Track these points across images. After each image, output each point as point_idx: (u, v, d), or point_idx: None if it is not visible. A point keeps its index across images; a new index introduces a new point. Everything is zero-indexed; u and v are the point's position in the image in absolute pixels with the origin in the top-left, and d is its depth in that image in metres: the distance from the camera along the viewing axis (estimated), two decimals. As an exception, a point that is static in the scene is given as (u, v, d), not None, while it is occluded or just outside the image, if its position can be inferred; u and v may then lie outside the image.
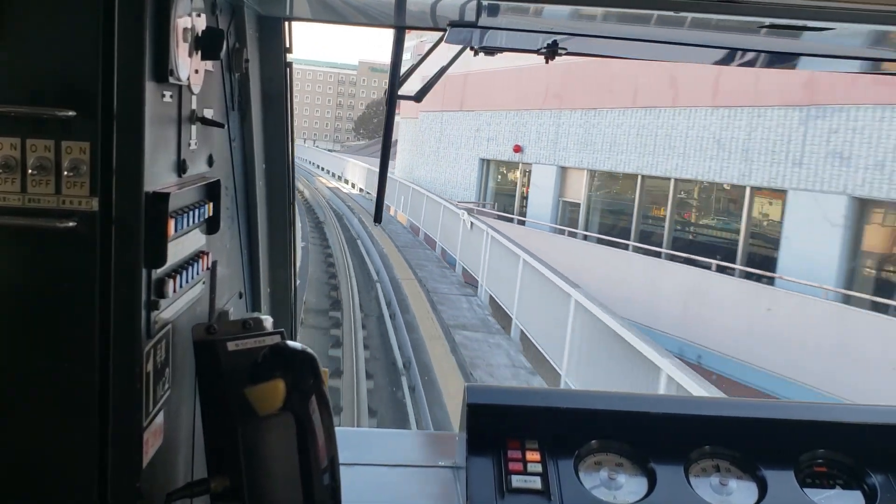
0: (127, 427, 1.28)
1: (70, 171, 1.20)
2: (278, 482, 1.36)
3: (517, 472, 1.75)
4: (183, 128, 1.46)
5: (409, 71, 2.07)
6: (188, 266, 1.45)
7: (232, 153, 1.93)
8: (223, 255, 1.80)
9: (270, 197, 2.24)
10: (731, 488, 1.78)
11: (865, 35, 1.53)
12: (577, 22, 1.69)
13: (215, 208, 1.59)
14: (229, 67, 1.85)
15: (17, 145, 1.19)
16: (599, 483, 1.77)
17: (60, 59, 1.20)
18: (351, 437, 2.22)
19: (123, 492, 1.29)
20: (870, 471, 1.82)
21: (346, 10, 2.06)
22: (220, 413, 1.39)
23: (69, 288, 1.24)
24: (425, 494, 1.91)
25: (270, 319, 1.50)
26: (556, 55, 1.92)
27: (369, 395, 12.55)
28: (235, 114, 1.95)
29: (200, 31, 1.48)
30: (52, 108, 1.18)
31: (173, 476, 1.50)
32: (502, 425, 1.83)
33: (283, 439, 1.35)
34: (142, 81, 1.23)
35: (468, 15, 1.70)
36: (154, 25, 1.25)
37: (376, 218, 2.50)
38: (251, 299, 2.16)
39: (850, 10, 1.26)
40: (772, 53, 1.88)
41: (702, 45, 1.86)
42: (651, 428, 1.85)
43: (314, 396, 1.35)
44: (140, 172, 1.24)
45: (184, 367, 1.51)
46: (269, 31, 2.12)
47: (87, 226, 1.22)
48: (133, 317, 1.26)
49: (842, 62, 1.94)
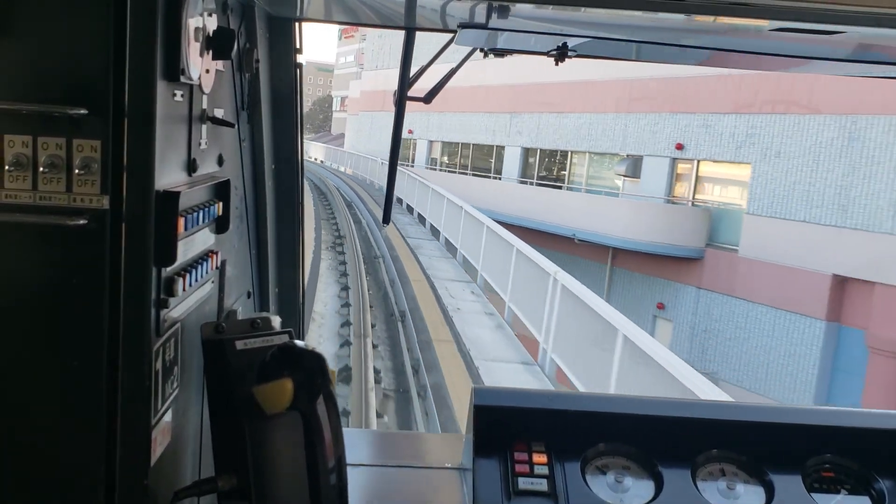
0: (135, 425, 1.28)
1: (81, 169, 1.21)
2: (285, 481, 1.37)
3: (524, 474, 1.74)
4: (193, 127, 1.46)
5: (418, 72, 2.07)
6: (197, 265, 1.46)
7: (242, 153, 1.94)
8: (232, 254, 1.80)
9: (279, 197, 2.25)
10: (738, 492, 1.77)
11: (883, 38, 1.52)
12: (588, 24, 1.70)
13: (225, 208, 1.60)
14: (240, 67, 1.85)
15: (29, 143, 1.20)
16: (606, 486, 1.76)
17: (72, 57, 1.20)
18: (358, 438, 2.23)
19: (131, 489, 1.29)
20: (877, 476, 1.80)
21: (357, 11, 2.07)
22: (228, 412, 1.39)
23: (79, 285, 1.24)
24: (432, 495, 1.91)
25: (278, 319, 1.51)
26: (566, 57, 1.92)
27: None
28: (245, 114, 1.96)
29: (211, 31, 1.48)
30: (64, 106, 1.19)
31: (181, 474, 1.50)
32: (509, 427, 1.83)
33: (290, 439, 1.35)
34: (153, 80, 1.23)
35: (479, 16, 1.70)
36: (165, 25, 1.26)
37: (385, 219, 2.47)
38: (259, 299, 2.16)
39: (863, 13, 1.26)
40: (783, 56, 1.87)
41: (711, 48, 1.86)
42: (658, 431, 1.84)
43: (322, 396, 1.35)
44: (151, 171, 1.24)
45: (192, 365, 1.52)
46: (280, 31, 2.13)
47: (98, 224, 1.22)
48: (142, 315, 1.27)
49: (856, 66, 1.92)
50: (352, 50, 78.81)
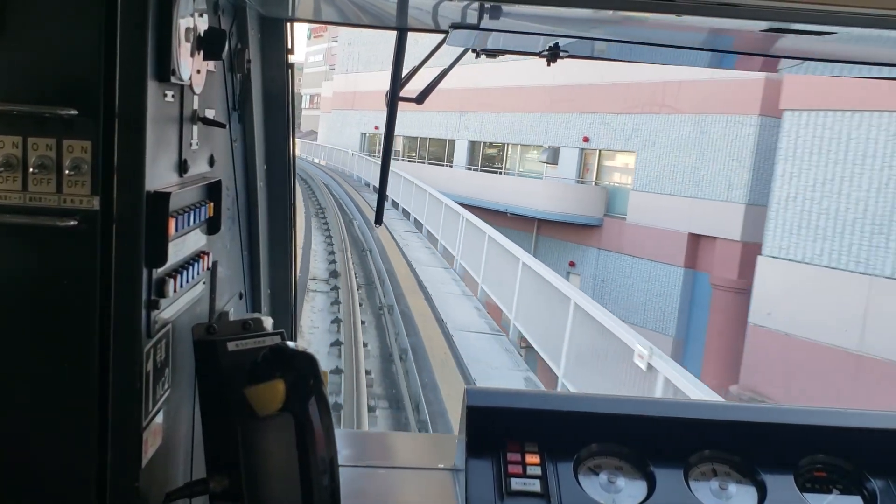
0: (126, 426, 1.02)
1: (71, 170, 0.98)
2: (277, 483, 1.10)
3: (516, 474, 1.43)
4: (184, 128, 1.18)
5: (410, 73, 1.69)
6: (189, 266, 1.17)
7: (233, 153, 1.61)
8: (223, 255, 1.49)
9: (271, 198, 1.89)
10: (730, 492, 1.47)
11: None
12: (580, 25, 1.38)
13: (216, 208, 1.30)
14: (231, 68, 1.53)
15: (19, 144, 0.97)
16: (599, 486, 1.46)
17: (63, 58, 0.97)
18: (350, 439, 1.91)
19: (122, 491, 1.03)
20: (869, 476, 1.51)
21: (348, 11, 1.70)
22: (220, 413, 1.11)
23: (69, 287, 0.99)
24: (424, 496, 1.59)
25: (270, 320, 1.21)
26: (558, 58, 1.57)
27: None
28: (237, 114, 1.62)
29: (202, 32, 1.19)
30: (54, 106, 0.96)
31: (172, 476, 1.21)
32: (502, 428, 1.51)
33: (282, 440, 1.08)
34: (144, 81, 0.99)
35: (470, 17, 1.38)
36: (156, 25, 1.01)
37: (377, 220, 2.06)
38: (251, 300, 1.83)
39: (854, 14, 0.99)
40: (776, 58, 1.56)
41: (704, 48, 1.52)
42: (651, 431, 1.53)
43: (314, 397, 1.08)
44: (141, 172, 1.00)
45: (183, 366, 1.22)
46: (271, 31, 1.77)
47: (88, 225, 0.98)
48: (133, 316, 1.01)
49: (848, 66, 1.58)
50: (321, 49, 71.84)
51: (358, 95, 40.03)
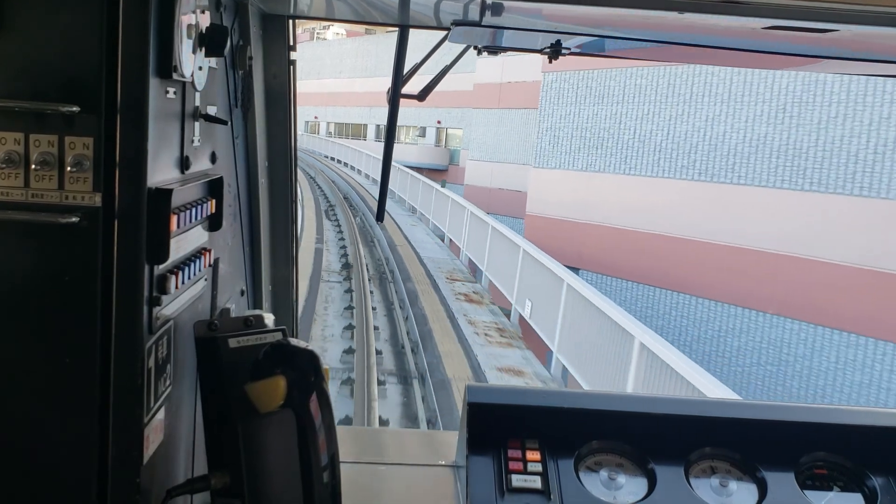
0: (127, 423, 1.02)
1: (73, 167, 0.98)
2: (278, 479, 1.10)
3: (517, 471, 1.43)
4: (186, 124, 1.17)
5: (412, 70, 1.69)
6: (190, 263, 1.17)
7: (235, 150, 1.60)
8: (225, 252, 1.49)
9: (272, 194, 1.89)
10: (731, 489, 1.47)
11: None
12: (583, 21, 1.37)
13: (218, 205, 1.30)
14: (233, 65, 1.52)
15: (21, 140, 0.97)
16: (599, 483, 1.46)
17: (64, 54, 0.97)
18: (351, 435, 1.90)
19: (123, 487, 1.02)
20: (870, 473, 1.51)
21: (350, 8, 1.69)
22: (221, 410, 1.11)
23: (71, 283, 0.99)
24: (425, 493, 1.59)
25: (272, 317, 1.23)
26: (560, 55, 1.56)
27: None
28: (239, 111, 1.62)
29: (204, 28, 1.19)
30: (56, 103, 0.96)
31: (173, 472, 1.21)
32: (503, 425, 1.51)
33: (283, 436, 1.08)
34: (146, 77, 0.98)
35: (472, 14, 1.38)
36: (158, 21, 1.01)
37: (378, 216, 2.04)
38: (253, 297, 1.82)
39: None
40: (778, 55, 1.54)
41: (706, 45, 1.51)
42: (652, 428, 1.53)
43: (315, 394, 1.08)
44: (143, 168, 0.99)
45: (185, 363, 1.22)
46: (273, 28, 1.76)
47: (90, 221, 0.98)
48: (135, 312, 1.01)
49: (852, 64, 1.57)
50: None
51: (325, 96, 57.01)
